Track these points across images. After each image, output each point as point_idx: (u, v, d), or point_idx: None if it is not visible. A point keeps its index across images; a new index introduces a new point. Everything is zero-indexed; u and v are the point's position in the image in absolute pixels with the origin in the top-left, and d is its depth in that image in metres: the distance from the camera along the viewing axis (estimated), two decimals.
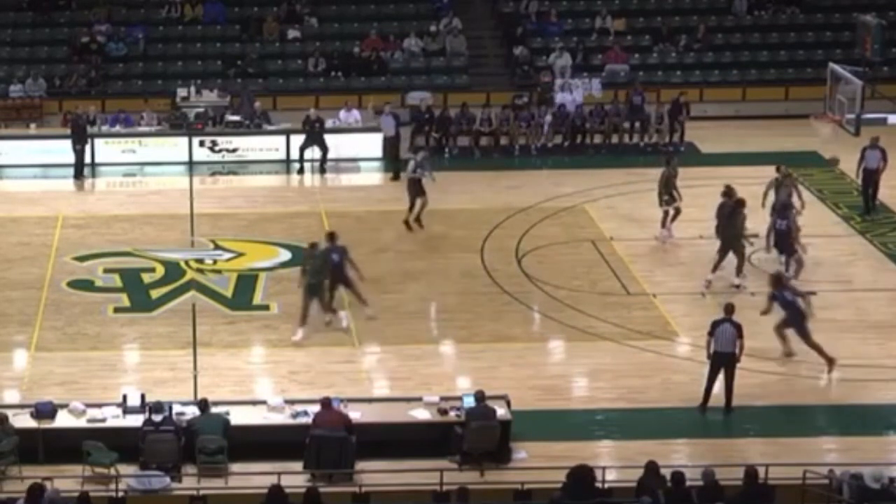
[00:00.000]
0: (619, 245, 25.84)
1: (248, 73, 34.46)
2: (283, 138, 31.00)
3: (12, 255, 25.63)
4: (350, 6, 36.53)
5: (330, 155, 30.56)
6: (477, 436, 18.32)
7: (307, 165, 30.52)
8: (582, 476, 16.52)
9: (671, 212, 25.94)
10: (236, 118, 31.36)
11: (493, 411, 18.57)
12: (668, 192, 25.89)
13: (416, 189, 26.43)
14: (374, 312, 22.83)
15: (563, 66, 34.32)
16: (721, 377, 20.01)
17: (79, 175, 29.94)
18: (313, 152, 30.49)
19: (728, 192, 24.32)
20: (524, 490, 17.26)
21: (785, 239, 24.07)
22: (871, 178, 27.44)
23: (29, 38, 35.35)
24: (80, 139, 29.96)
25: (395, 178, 29.47)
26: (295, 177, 30.48)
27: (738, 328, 19.86)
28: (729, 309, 20.01)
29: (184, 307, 23.42)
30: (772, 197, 25.36)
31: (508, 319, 23.01)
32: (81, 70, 34.12)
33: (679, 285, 24.18)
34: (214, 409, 18.56)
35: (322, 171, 30.39)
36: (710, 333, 19.96)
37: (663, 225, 26.02)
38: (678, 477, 16.24)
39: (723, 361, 19.93)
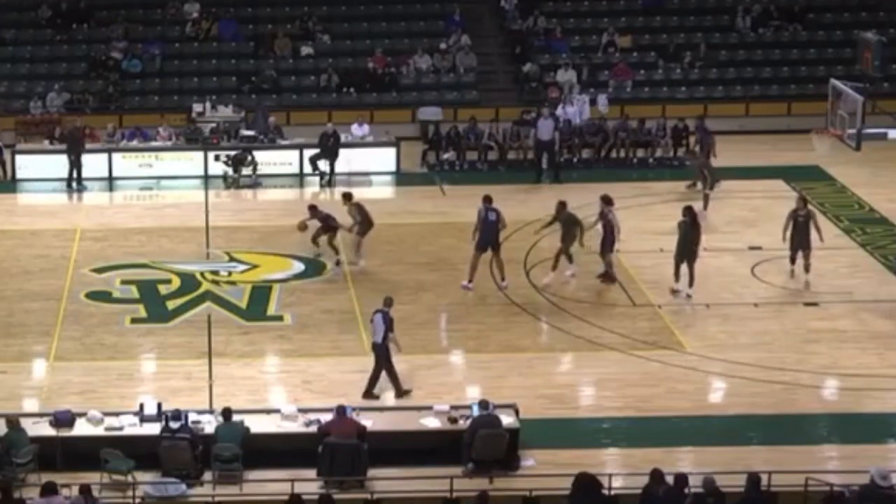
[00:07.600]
0: (625, 257, 25.96)
1: (262, 89, 34.76)
2: (296, 153, 31.27)
3: (32, 267, 25.86)
4: (362, 23, 36.84)
5: (343, 169, 30.88)
6: (484, 444, 18.47)
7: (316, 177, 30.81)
8: (588, 484, 16.76)
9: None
10: (250, 133, 31.60)
11: (499, 419, 18.70)
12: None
13: None
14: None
15: (570, 81, 34.65)
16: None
17: (70, 185, 30.29)
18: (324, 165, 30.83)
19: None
20: (532, 497, 17.35)
21: None
22: None
23: (48, 55, 35.65)
24: (74, 150, 30.25)
25: (557, 180, 30.25)
26: (307, 190, 30.62)
27: None
28: None
29: (199, 318, 23.63)
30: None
31: (517, 330, 23.21)
32: (99, 86, 34.46)
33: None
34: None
35: (330, 184, 30.64)
36: None
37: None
38: (681, 480, 16.51)
39: None
